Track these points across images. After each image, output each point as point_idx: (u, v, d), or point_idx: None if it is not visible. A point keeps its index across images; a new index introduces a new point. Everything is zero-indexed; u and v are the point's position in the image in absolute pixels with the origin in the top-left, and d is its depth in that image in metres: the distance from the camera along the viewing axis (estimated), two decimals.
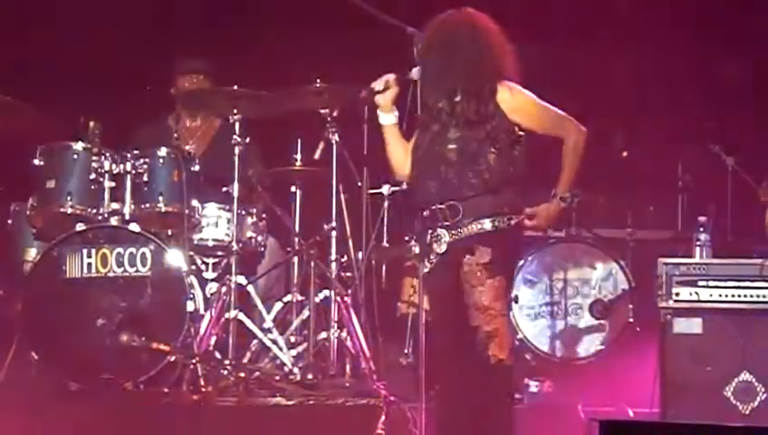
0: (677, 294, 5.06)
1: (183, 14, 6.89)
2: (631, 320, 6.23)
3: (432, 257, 4.24)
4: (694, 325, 5.04)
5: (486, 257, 4.13)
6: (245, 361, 5.47)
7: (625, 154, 6.84)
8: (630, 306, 6.24)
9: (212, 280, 5.64)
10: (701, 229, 5.32)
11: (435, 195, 4.22)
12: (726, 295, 5.02)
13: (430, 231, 4.24)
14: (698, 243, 5.30)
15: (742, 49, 6.95)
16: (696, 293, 5.05)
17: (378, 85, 4.38)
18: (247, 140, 5.52)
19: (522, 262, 6.27)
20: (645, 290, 5.83)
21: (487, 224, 4.16)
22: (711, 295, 5.04)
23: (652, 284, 5.17)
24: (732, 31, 6.94)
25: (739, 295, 5.02)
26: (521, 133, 4.24)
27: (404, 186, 5.94)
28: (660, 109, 6.96)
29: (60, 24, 6.69)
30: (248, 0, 6.87)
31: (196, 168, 5.47)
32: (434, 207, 4.21)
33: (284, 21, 6.81)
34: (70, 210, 5.27)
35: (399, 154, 4.42)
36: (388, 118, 4.41)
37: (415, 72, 4.34)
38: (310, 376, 5.29)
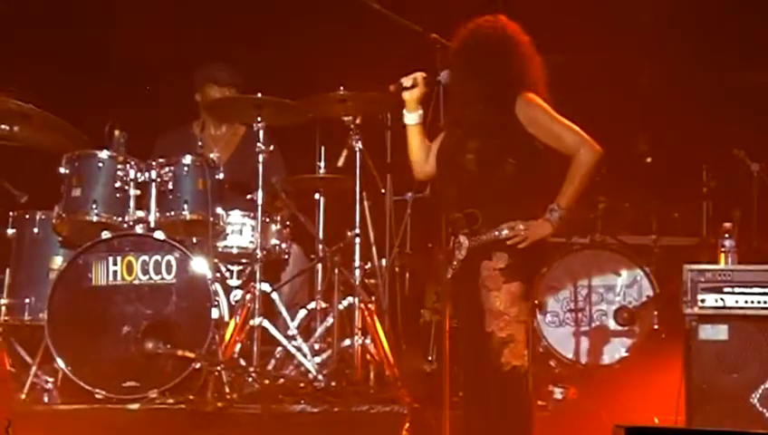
0: (703, 301, 5.02)
1: (207, 21, 6.92)
2: (656, 327, 6.20)
3: (455, 263, 4.27)
4: (720, 332, 5.00)
5: (503, 262, 4.15)
6: (270, 368, 5.48)
7: (649, 160, 6.82)
8: (655, 313, 6.21)
9: (236, 287, 5.66)
10: (726, 235, 5.28)
11: (455, 202, 4.25)
12: (752, 302, 4.98)
13: (452, 237, 4.27)
14: (723, 249, 5.27)
15: (766, 55, 6.92)
16: (722, 299, 5.02)
17: (406, 82, 4.41)
18: (271, 147, 5.54)
19: (546, 269, 6.27)
20: (670, 297, 5.80)
21: (504, 231, 4.17)
22: (737, 302, 5.00)
23: (677, 290, 5.14)
24: (757, 36, 6.91)
25: (765, 302, 4.97)
26: (541, 145, 4.25)
27: (427, 192, 6.00)
28: (685, 115, 6.93)
29: (87, 32, 6.73)
30: (272, 8, 6.89)
31: (221, 175, 5.49)
32: (455, 214, 4.24)
33: (308, 28, 6.82)
34: (95, 218, 5.30)
35: (421, 153, 4.46)
36: (412, 117, 4.45)
37: (444, 76, 4.37)
38: (334, 383, 5.30)
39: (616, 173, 6.73)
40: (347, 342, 5.51)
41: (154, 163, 5.41)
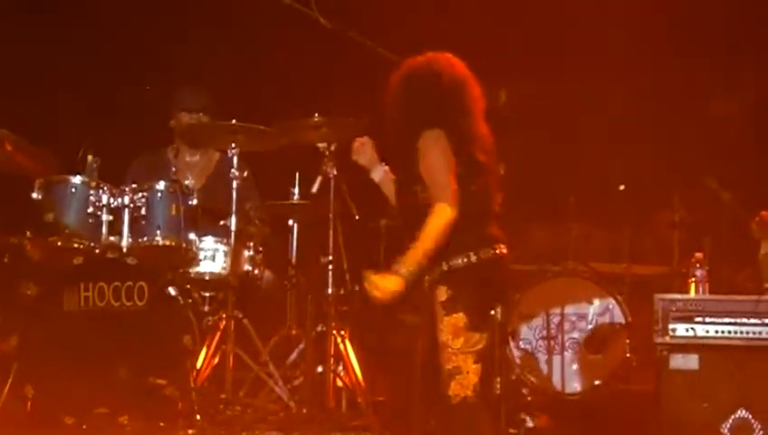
0: (674, 330, 5.06)
1: (183, 45, 6.92)
2: (628, 355, 6.23)
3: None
4: (690, 361, 5.04)
5: (443, 295, 4.17)
6: (242, 394, 5.46)
7: (622, 188, 6.86)
8: (627, 341, 6.24)
9: (209, 313, 5.64)
10: (697, 265, 5.33)
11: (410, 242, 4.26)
12: (723, 332, 5.03)
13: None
14: (694, 279, 5.32)
15: (738, 84, 7.00)
16: (693, 329, 5.06)
17: (355, 155, 4.60)
18: (246, 173, 5.54)
19: (518, 296, 6.29)
20: (641, 325, 5.84)
21: (443, 265, 4.19)
22: (707, 332, 5.04)
23: (649, 319, 5.17)
24: (728, 65, 6.99)
25: (735, 332, 5.02)
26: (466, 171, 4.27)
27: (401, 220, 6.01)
28: (656, 142, 6.99)
29: (61, 57, 6.72)
30: (247, 34, 6.90)
31: (194, 201, 5.48)
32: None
33: (284, 55, 6.85)
34: (67, 244, 5.27)
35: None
36: (377, 174, 4.58)
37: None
38: (306, 410, 5.29)
39: (588, 200, 6.78)
40: (319, 368, 5.50)
41: (127, 189, 5.39)
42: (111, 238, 5.34)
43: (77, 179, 5.33)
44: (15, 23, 6.71)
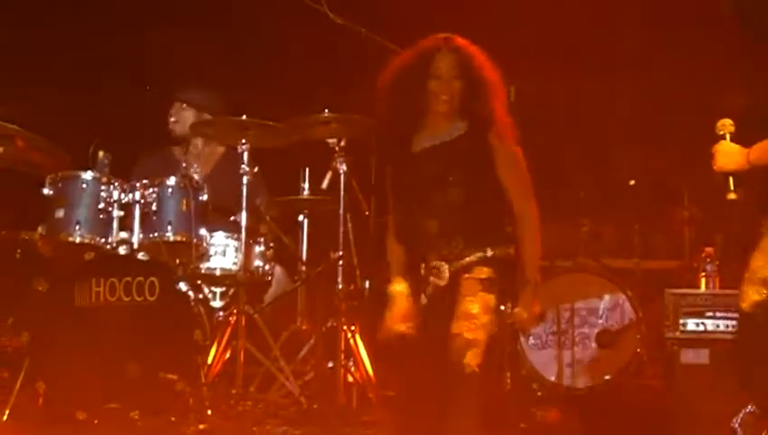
0: (684, 325, 5.06)
1: (192, 42, 6.94)
2: (638, 350, 6.22)
3: (429, 290, 4.22)
4: (701, 356, 5.03)
5: (484, 274, 4.14)
6: (253, 389, 5.47)
7: (632, 183, 6.86)
8: (638, 336, 6.24)
9: (219, 309, 5.66)
10: (708, 260, 5.32)
11: (434, 232, 4.20)
12: (733, 326, 5.02)
13: (423, 263, 4.23)
14: (705, 273, 5.31)
15: (750, 78, 6.97)
16: (703, 324, 5.06)
17: None
18: (256, 169, 5.55)
19: None
20: (652, 320, 5.84)
21: (488, 251, 4.16)
22: (718, 326, 5.04)
23: (659, 314, 5.17)
24: (742, 60, 6.96)
25: None
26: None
27: None
28: (667, 138, 6.98)
29: (72, 54, 6.75)
30: (257, 30, 6.92)
31: (205, 197, 5.49)
32: (435, 242, 4.21)
33: (293, 51, 6.86)
34: (79, 239, 5.28)
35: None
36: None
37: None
38: (316, 405, 5.30)
39: (599, 196, 6.77)
40: (330, 363, 5.51)
41: (138, 184, 5.41)
42: (122, 234, 5.36)
43: (88, 175, 5.35)
44: (27, 19, 6.73)
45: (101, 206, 5.32)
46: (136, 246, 5.35)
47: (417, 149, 4.24)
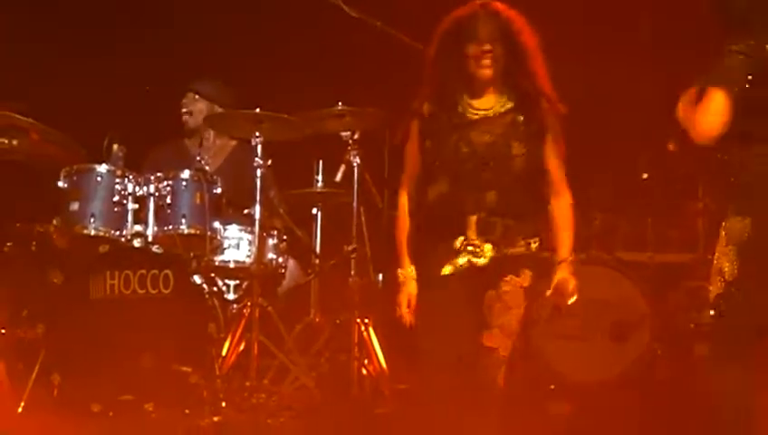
0: (699, 318, 5.06)
1: (205, 35, 6.94)
2: (652, 344, 6.21)
3: (459, 264, 3.96)
4: None
5: (527, 281, 3.97)
6: (266, 382, 5.48)
7: (645, 176, 6.84)
8: (651, 330, 6.23)
9: (233, 301, 5.68)
10: None
11: (486, 205, 3.95)
12: None
13: (462, 238, 3.96)
14: None
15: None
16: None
17: None
18: (269, 162, 5.56)
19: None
20: (666, 313, 5.83)
21: (534, 245, 4.00)
22: None
23: (673, 307, 5.16)
24: None
25: None
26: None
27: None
28: (680, 131, 6.95)
29: (86, 46, 6.76)
30: (270, 23, 6.92)
31: (219, 190, 5.51)
32: (486, 219, 3.97)
33: (307, 44, 6.86)
34: (93, 232, 5.30)
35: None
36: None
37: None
38: (330, 398, 5.31)
39: (612, 189, 6.76)
40: (343, 356, 5.52)
41: (152, 177, 5.43)
42: (137, 227, 5.38)
43: (103, 168, 5.37)
44: (40, 12, 6.75)
45: (116, 199, 5.34)
46: (150, 238, 5.37)
47: (465, 119, 4.01)
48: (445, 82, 4.04)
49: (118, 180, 5.36)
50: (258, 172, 5.48)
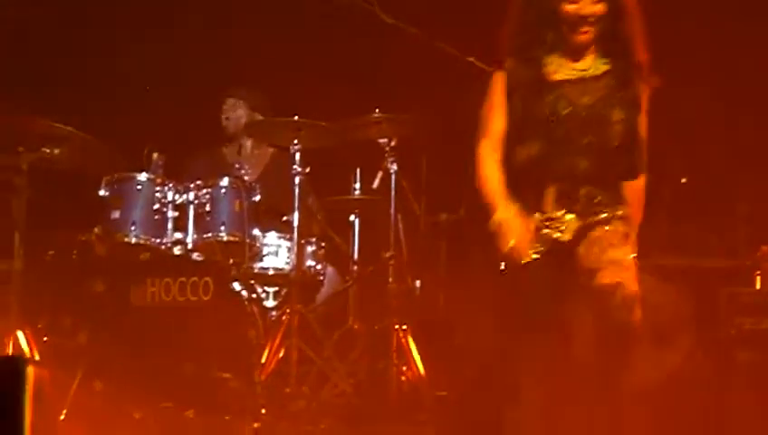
0: (740, 324, 5.02)
1: (243, 43, 6.98)
2: (693, 349, 6.16)
3: (539, 246, 3.71)
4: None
5: (621, 230, 3.73)
6: (305, 389, 5.50)
7: (684, 181, 6.79)
8: (692, 335, 6.18)
9: (272, 308, 5.70)
10: (764, 258, 5.27)
11: (574, 173, 3.72)
12: None
13: (541, 213, 3.73)
14: (760, 271, 5.26)
15: None
16: (759, 322, 5.01)
17: None
18: (307, 169, 5.58)
19: None
20: (707, 319, 5.78)
21: (620, 211, 3.77)
22: None
23: (714, 313, 5.12)
24: None
25: None
26: None
27: (462, 213, 6.03)
28: (720, 135, 6.90)
29: (126, 57, 6.81)
30: (308, 31, 6.94)
31: (257, 197, 5.54)
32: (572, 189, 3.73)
33: (345, 51, 6.87)
34: (134, 240, 5.35)
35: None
36: None
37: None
38: (369, 404, 5.31)
39: (651, 193, 6.71)
40: (382, 363, 5.53)
41: (192, 185, 5.47)
42: (177, 234, 5.42)
43: (143, 177, 5.42)
44: (79, 21, 6.81)
45: (156, 207, 5.39)
46: (190, 246, 5.41)
47: (558, 77, 3.76)
48: (533, 38, 3.78)
49: (158, 188, 5.41)
50: (296, 180, 5.51)
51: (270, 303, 5.72)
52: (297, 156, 5.53)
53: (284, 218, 5.59)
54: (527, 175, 3.72)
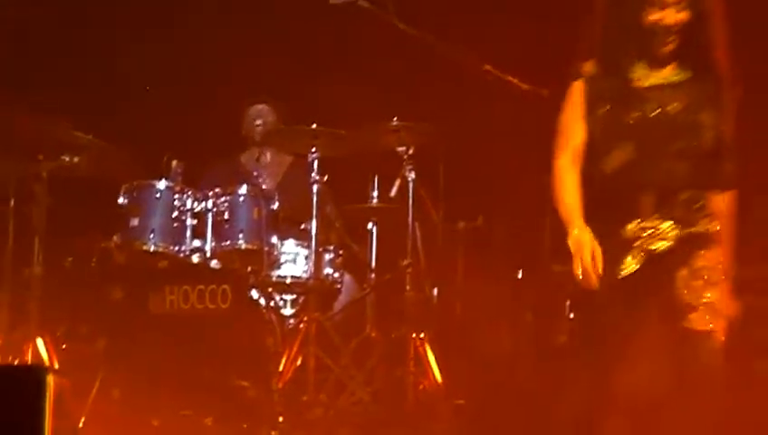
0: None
1: (261, 52, 6.99)
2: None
3: (639, 255, 3.58)
4: None
5: (721, 257, 3.59)
6: (323, 397, 5.50)
7: None
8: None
9: (290, 316, 5.71)
10: None
11: (669, 179, 3.60)
12: None
13: (638, 220, 3.59)
14: None
15: None
16: None
17: None
18: (325, 177, 5.59)
19: None
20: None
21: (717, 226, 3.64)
22: None
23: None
24: None
25: None
26: None
27: (479, 221, 6.03)
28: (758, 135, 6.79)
29: (146, 64, 6.84)
30: (326, 39, 6.95)
31: (276, 205, 5.55)
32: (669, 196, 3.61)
33: (362, 60, 6.88)
34: (153, 248, 5.36)
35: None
36: None
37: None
38: (386, 413, 5.31)
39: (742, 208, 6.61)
40: (399, 371, 5.53)
41: (210, 193, 5.48)
42: (196, 242, 5.43)
43: (162, 184, 5.43)
44: (98, 28, 6.84)
45: (175, 214, 5.40)
46: (209, 254, 5.42)
47: (644, 83, 3.67)
48: (617, 47, 3.70)
49: (177, 196, 5.42)
50: (314, 188, 5.52)
51: (288, 311, 5.73)
52: (315, 164, 5.54)
53: (302, 226, 5.60)
54: (620, 182, 3.61)
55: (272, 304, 5.57)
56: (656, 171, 3.58)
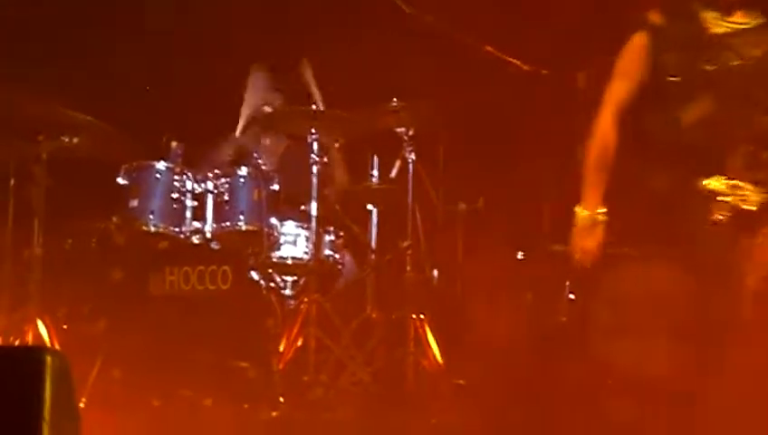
0: None
1: (260, 31, 6.97)
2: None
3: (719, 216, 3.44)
4: None
5: None
6: (323, 377, 5.51)
7: None
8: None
9: (290, 297, 5.71)
10: None
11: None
12: None
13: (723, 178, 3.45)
14: None
15: None
16: None
17: None
18: (325, 159, 5.58)
19: None
20: None
21: None
22: None
23: None
24: None
25: None
26: None
27: (480, 203, 6.02)
28: None
29: (144, 45, 6.81)
30: (325, 19, 6.93)
31: (276, 186, 5.55)
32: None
33: (361, 40, 6.86)
34: (153, 229, 5.37)
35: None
36: None
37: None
38: (386, 393, 5.32)
39: None
40: (399, 352, 5.53)
41: (210, 174, 5.48)
42: (195, 223, 5.44)
43: (162, 165, 5.44)
44: (97, 11, 6.82)
45: (175, 195, 5.41)
46: (209, 235, 5.42)
47: (716, 30, 3.49)
48: None
49: (176, 177, 5.43)
50: (314, 169, 5.51)
51: (288, 292, 5.73)
52: (315, 145, 5.54)
53: (302, 208, 5.60)
54: (699, 136, 3.43)
55: (272, 285, 5.57)
56: (742, 125, 3.41)
